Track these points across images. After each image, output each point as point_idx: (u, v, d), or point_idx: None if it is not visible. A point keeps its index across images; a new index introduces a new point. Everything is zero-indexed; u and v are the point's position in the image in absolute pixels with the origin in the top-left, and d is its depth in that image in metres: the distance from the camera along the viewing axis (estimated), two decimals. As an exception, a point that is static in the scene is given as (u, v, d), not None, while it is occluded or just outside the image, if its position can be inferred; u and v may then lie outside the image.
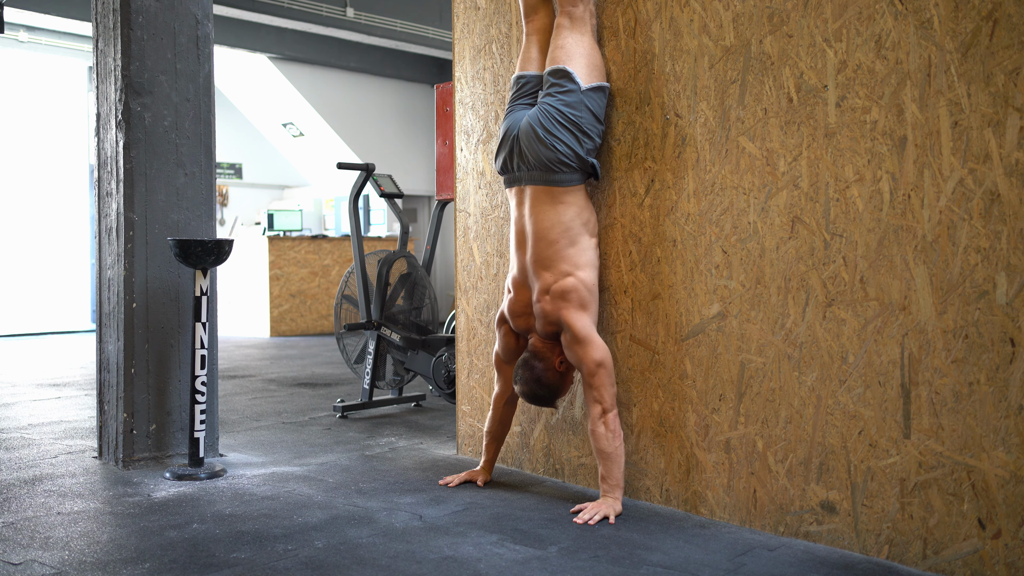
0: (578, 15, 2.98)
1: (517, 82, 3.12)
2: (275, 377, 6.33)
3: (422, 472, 3.40)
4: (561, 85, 2.92)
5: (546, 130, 2.88)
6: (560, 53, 2.96)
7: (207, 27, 3.70)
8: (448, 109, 4.58)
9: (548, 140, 2.88)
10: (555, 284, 2.89)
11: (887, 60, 2.32)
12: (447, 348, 4.71)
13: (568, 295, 2.87)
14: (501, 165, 3.05)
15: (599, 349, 2.84)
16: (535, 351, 2.97)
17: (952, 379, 2.21)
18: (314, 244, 10.22)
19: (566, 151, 2.88)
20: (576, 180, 2.93)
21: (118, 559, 2.41)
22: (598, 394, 2.82)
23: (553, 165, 2.89)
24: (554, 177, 2.90)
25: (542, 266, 2.92)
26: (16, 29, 10.08)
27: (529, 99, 3.07)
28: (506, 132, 3.02)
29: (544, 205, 2.92)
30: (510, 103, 3.11)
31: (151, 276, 3.54)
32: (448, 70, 12.49)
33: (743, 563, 2.34)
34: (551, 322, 2.91)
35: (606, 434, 2.80)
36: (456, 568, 2.31)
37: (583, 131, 2.90)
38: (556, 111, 2.89)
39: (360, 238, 5.04)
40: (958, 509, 2.20)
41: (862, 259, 2.38)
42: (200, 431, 3.34)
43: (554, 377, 2.93)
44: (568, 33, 2.98)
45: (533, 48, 3.13)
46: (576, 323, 2.85)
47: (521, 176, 2.98)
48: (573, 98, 2.90)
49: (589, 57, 2.96)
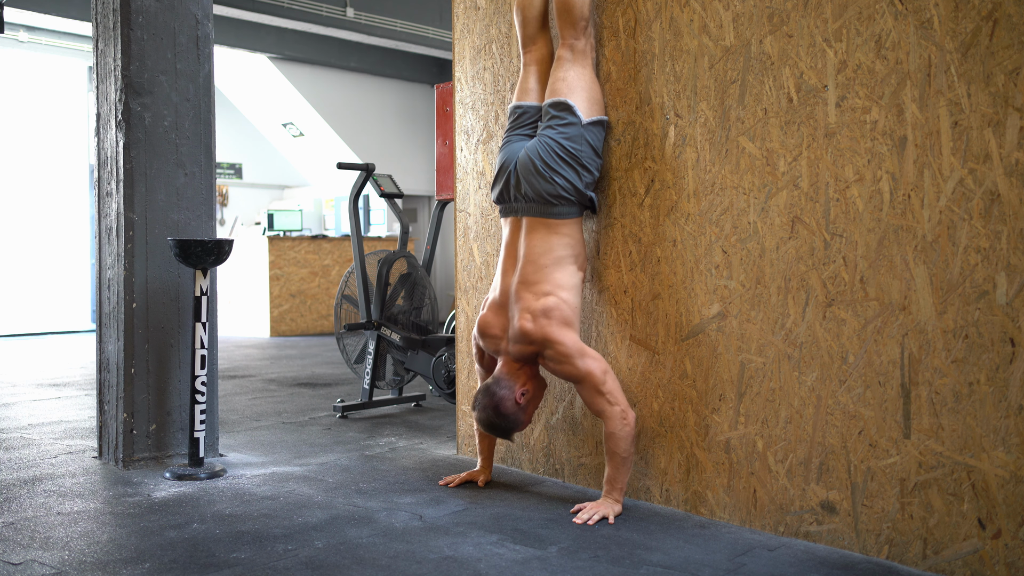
0: (580, 48, 2.98)
1: (514, 112, 3.11)
2: (275, 377, 6.33)
3: (422, 472, 3.40)
4: (562, 118, 2.91)
5: (545, 163, 2.88)
6: (562, 85, 2.95)
7: (207, 27, 3.70)
8: (448, 109, 4.58)
9: (547, 173, 2.87)
10: (536, 303, 2.84)
11: (887, 60, 2.32)
12: (447, 348, 4.71)
13: (550, 312, 2.82)
14: (498, 195, 3.04)
15: (597, 359, 2.81)
16: (499, 377, 2.90)
17: (952, 379, 2.21)
18: (314, 244, 10.22)
19: (565, 184, 2.88)
20: (573, 213, 2.93)
21: (118, 559, 2.41)
22: (612, 397, 2.77)
23: (551, 198, 2.89)
24: (552, 210, 2.90)
25: (526, 287, 2.89)
26: (16, 29, 10.08)
27: (527, 130, 3.06)
28: (503, 163, 3.00)
29: (539, 233, 2.91)
30: (507, 132, 3.09)
31: (151, 276, 3.54)
32: (448, 70, 12.49)
33: (743, 563, 2.34)
34: (532, 342, 2.84)
35: (630, 435, 2.75)
36: (456, 568, 2.31)
37: (583, 165, 2.90)
38: (557, 144, 2.89)
39: (360, 238, 5.04)
40: (958, 509, 2.20)
41: (862, 259, 2.38)
42: (200, 431, 3.34)
43: (513, 408, 2.86)
44: (570, 66, 2.97)
45: (531, 78, 3.12)
46: (565, 339, 2.80)
47: (518, 207, 2.97)
48: (574, 131, 2.90)
49: (590, 91, 2.96)
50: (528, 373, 2.92)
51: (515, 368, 2.91)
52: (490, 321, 2.99)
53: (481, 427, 2.93)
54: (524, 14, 3.15)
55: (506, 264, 3.01)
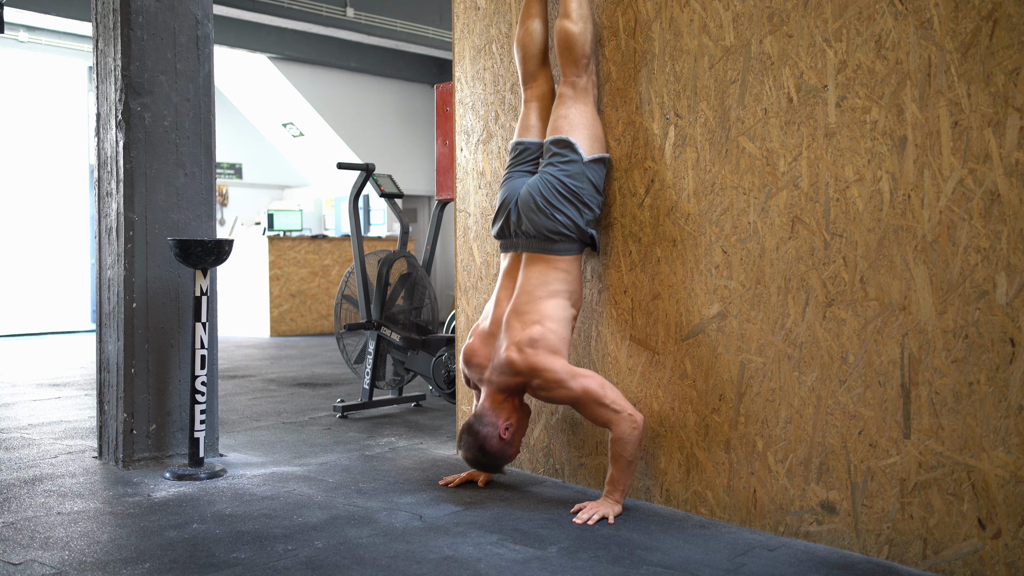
0: (582, 86, 2.99)
1: (515, 148, 3.12)
2: (275, 377, 6.33)
3: (422, 472, 3.40)
4: (563, 155, 2.92)
5: (547, 200, 2.88)
6: (563, 123, 2.96)
7: (207, 27, 3.70)
8: (448, 109, 4.58)
9: (548, 210, 2.88)
10: (522, 333, 2.83)
11: (887, 60, 2.32)
12: (447, 348, 4.71)
13: (536, 342, 2.81)
14: (498, 231, 3.05)
15: (587, 375, 2.79)
16: (481, 413, 2.88)
17: (952, 379, 2.21)
18: (314, 244, 10.22)
19: (566, 222, 2.88)
20: (573, 250, 2.93)
21: (118, 559, 2.41)
22: (616, 405, 2.76)
23: (552, 235, 2.89)
24: (552, 246, 2.91)
25: (516, 316, 2.88)
26: (16, 29, 10.08)
27: (528, 167, 3.07)
28: (504, 200, 3.01)
29: (538, 267, 2.92)
30: (508, 168, 3.10)
31: (151, 276, 3.54)
32: (448, 70, 12.49)
33: (743, 563, 2.34)
34: (517, 373, 2.82)
35: (638, 439, 2.75)
36: (456, 568, 2.31)
37: (584, 202, 2.90)
38: (558, 182, 2.89)
39: (360, 238, 5.04)
40: (958, 509, 2.20)
41: (862, 259, 2.38)
42: (200, 431, 3.34)
43: (498, 445, 2.85)
44: (572, 103, 2.98)
45: (532, 115, 3.13)
46: (551, 365, 2.78)
47: (519, 243, 2.98)
48: (575, 168, 2.90)
49: (591, 128, 2.96)
50: (512, 405, 2.89)
51: (499, 400, 2.89)
52: (476, 350, 2.98)
53: (469, 465, 2.93)
54: (525, 51, 3.15)
55: (501, 294, 3.01)
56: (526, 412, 2.95)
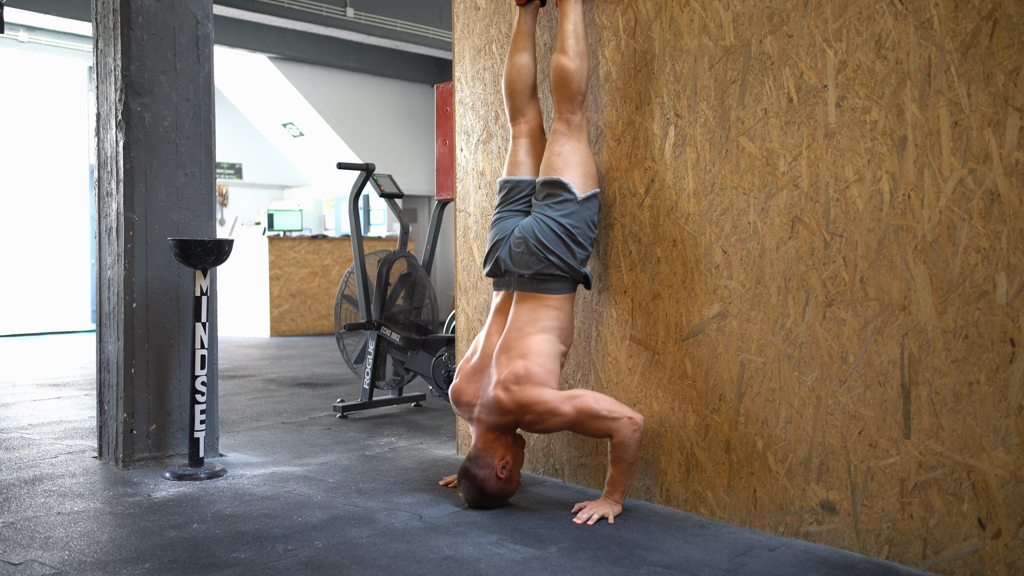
0: (576, 123, 2.97)
1: (504, 186, 3.08)
2: (275, 377, 6.33)
3: (422, 472, 3.40)
4: (557, 195, 2.91)
5: (540, 243, 2.87)
6: (557, 161, 2.94)
7: (207, 27, 3.70)
8: (448, 109, 4.58)
9: (541, 253, 2.87)
10: (508, 371, 2.80)
11: (887, 60, 2.32)
12: (447, 348, 4.71)
13: (521, 379, 2.78)
14: (490, 271, 3.03)
15: (578, 396, 2.77)
16: (476, 456, 2.84)
17: (952, 379, 2.21)
18: (314, 244, 10.22)
19: (559, 263, 2.87)
20: (566, 289, 2.92)
21: (118, 559, 2.41)
22: (615, 414, 2.73)
23: (544, 276, 2.89)
24: (545, 286, 2.90)
25: (504, 352, 2.86)
26: (16, 29, 10.09)
27: (519, 205, 3.04)
28: (496, 241, 3.00)
29: (529, 304, 2.90)
30: (499, 208, 3.07)
31: (151, 276, 3.54)
32: (448, 70, 12.49)
33: (743, 563, 2.34)
34: (507, 412, 2.79)
35: (639, 441, 2.74)
36: (456, 568, 2.31)
37: (577, 242, 2.89)
38: (554, 222, 2.88)
39: (360, 238, 5.04)
40: (958, 509, 2.20)
41: (862, 259, 2.38)
42: (200, 431, 3.34)
43: (497, 485, 2.82)
44: (565, 140, 2.96)
45: (521, 151, 3.10)
46: (540, 397, 2.75)
47: (511, 282, 2.97)
48: (570, 208, 2.89)
49: (584, 165, 2.95)
50: (505, 443, 2.85)
51: (491, 440, 2.84)
52: (463, 389, 2.94)
53: (470, 507, 2.88)
54: (513, 86, 3.12)
55: (491, 328, 2.99)
56: (520, 444, 2.91)
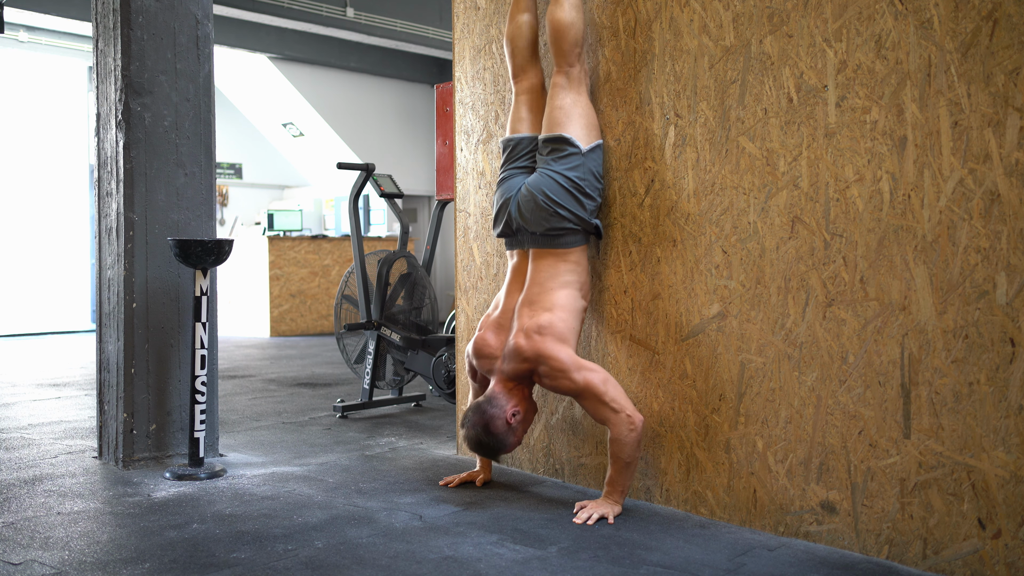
0: (575, 75, 2.98)
1: (507, 145, 3.10)
2: (275, 377, 6.33)
3: (422, 472, 3.40)
4: (562, 150, 2.92)
5: (548, 198, 2.88)
6: (559, 114, 2.95)
7: (207, 27, 3.70)
8: (448, 109, 4.58)
9: (551, 207, 2.88)
10: (531, 320, 2.85)
11: (887, 60, 2.32)
12: (447, 348, 4.71)
13: (544, 329, 2.81)
14: (501, 231, 3.05)
15: (592, 369, 2.79)
16: (492, 396, 2.88)
17: (952, 379, 2.21)
18: (314, 244, 10.22)
19: (569, 216, 2.89)
20: (579, 242, 2.94)
21: (118, 559, 2.41)
22: (617, 405, 2.75)
23: (556, 231, 2.90)
24: (558, 241, 2.92)
25: (528, 305, 2.90)
26: (16, 29, 10.08)
27: (524, 162, 3.06)
28: (503, 201, 3.01)
29: (547, 260, 2.93)
30: (503, 167, 3.09)
31: (151, 276, 3.54)
32: (448, 70, 12.49)
33: (743, 563, 2.34)
34: (525, 359, 2.83)
35: (636, 441, 2.74)
36: (456, 568, 2.31)
37: (585, 193, 2.91)
38: (561, 176, 2.89)
39: (360, 238, 5.04)
40: (958, 509, 2.20)
41: (862, 259, 2.38)
42: (200, 431, 3.34)
43: (503, 428, 2.83)
44: (565, 93, 2.97)
45: (523, 108, 3.12)
46: (557, 354, 2.78)
47: (523, 240, 2.99)
48: (576, 161, 2.91)
49: (587, 117, 2.96)
50: (522, 394, 2.89)
51: (509, 387, 2.89)
52: (487, 341, 2.98)
53: (468, 445, 2.91)
54: (514, 44, 3.14)
55: (511, 286, 3.03)
56: (533, 408, 2.95)
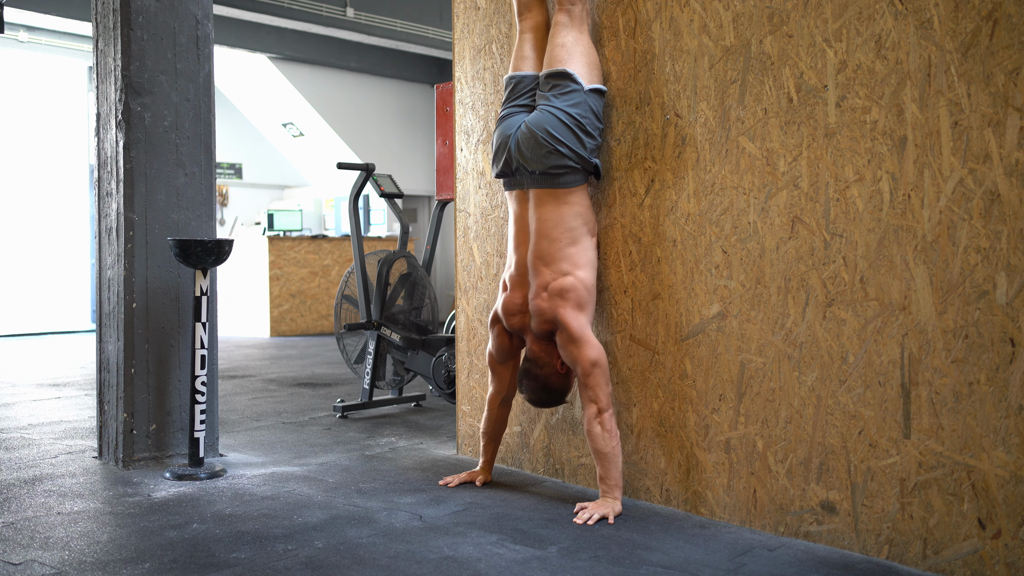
0: (576, 13, 2.97)
1: (510, 82, 3.07)
2: (275, 377, 6.33)
3: (422, 472, 3.40)
4: (564, 86, 2.90)
5: (549, 133, 2.86)
6: (561, 52, 2.93)
7: (207, 27, 3.70)
8: (448, 109, 4.58)
9: (551, 144, 2.85)
10: (554, 282, 2.87)
11: (887, 60, 2.32)
12: (447, 348, 4.70)
13: (566, 294, 2.85)
14: (500, 171, 3.01)
15: (594, 348, 2.83)
16: (534, 357, 2.96)
17: (952, 379, 2.21)
18: (314, 244, 10.22)
19: (569, 153, 2.86)
20: (579, 181, 2.92)
21: (118, 559, 2.41)
22: (593, 394, 2.80)
23: (556, 169, 2.87)
24: (558, 180, 2.89)
25: (543, 262, 2.90)
26: (16, 29, 10.08)
27: (525, 100, 3.03)
28: (502, 139, 2.98)
29: (548, 204, 2.91)
30: (505, 105, 3.06)
31: (151, 276, 3.54)
32: (448, 70, 12.49)
33: (743, 563, 2.34)
34: (547, 320, 2.89)
35: (602, 434, 2.78)
36: (456, 568, 2.31)
37: (586, 131, 2.89)
38: (561, 112, 2.87)
39: (360, 238, 5.04)
40: (958, 509, 2.20)
41: (862, 259, 2.38)
42: (200, 431, 3.34)
43: (559, 380, 2.94)
44: (567, 31, 2.95)
45: (527, 46, 3.09)
46: (572, 322, 2.84)
47: (523, 180, 2.96)
48: (577, 98, 2.88)
49: (588, 56, 2.94)
50: (554, 347, 2.96)
51: (543, 346, 2.96)
52: (514, 300, 3.00)
53: (534, 405, 3.02)
54: None
55: (518, 238, 3.00)
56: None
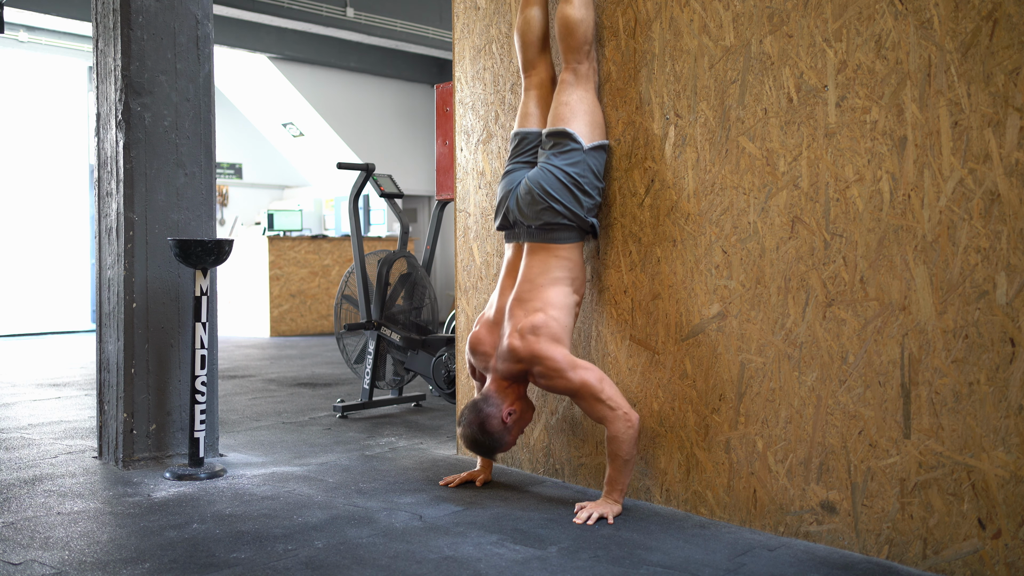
0: (583, 72, 2.99)
1: (515, 138, 3.13)
2: (275, 377, 6.33)
3: (422, 472, 3.40)
4: (563, 144, 2.93)
5: (545, 192, 2.89)
6: (564, 110, 2.96)
7: (207, 27, 3.70)
8: (448, 109, 4.58)
9: (547, 201, 2.89)
10: (525, 320, 2.85)
11: (887, 60, 2.32)
12: (447, 348, 4.71)
13: (538, 329, 2.81)
14: (500, 223, 3.08)
15: (587, 368, 2.79)
16: (487, 395, 2.90)
17: (952, 379, 2.21)
18: (314, 244, 10.22)
19: (564, 211, 2.89)
20: (574, 238, 2.94)
21: (118, 559, 2.41)
22: (612, 402, 2.75)
23: (551, 226, 2.91)
24: (552, 235, 2.92)
25: (519, 304, 2.89)
26: (16, 29, 10.08)
27: (528, 157, 3.08)
28: (504, 194, 3.04)
29: (539, 255, 2.94)
30: (509, 160, 3.12)
31: (151, 276, 3.54)
32: (448, 70, 12.49)
33: (743, 563, 2.34)
34: (519, 360, 2.83)
35: (633, 437, 2.74)
36: (456, 568, 2.31)
37: (583, 190, 2.91)
38: (559, 170, 2.90)
39: (360, 238, 5.04)
40: (958, 509, 2.20)
41: (862, 259, 2.38)
42: (200, 431, 3.34)
43: (498, 427, 2.85)
44: (572, 89, 2.98)
45: (531, 103, 3.13)
46: (552, 354, 2.78)
47: (520, 234, 3.01)
48: (576, 157, 2.91)
49: (592, 115, 2.97)
50: (517, 393, 2.90)
51: (504, 387, 2.90)
52: (482, 338, 3.00)
53: (464, 443, 2.93)
54: (524, 38, 3.15)
55: (505, 283, 3.04)
56: (529, 407, 2.96)
